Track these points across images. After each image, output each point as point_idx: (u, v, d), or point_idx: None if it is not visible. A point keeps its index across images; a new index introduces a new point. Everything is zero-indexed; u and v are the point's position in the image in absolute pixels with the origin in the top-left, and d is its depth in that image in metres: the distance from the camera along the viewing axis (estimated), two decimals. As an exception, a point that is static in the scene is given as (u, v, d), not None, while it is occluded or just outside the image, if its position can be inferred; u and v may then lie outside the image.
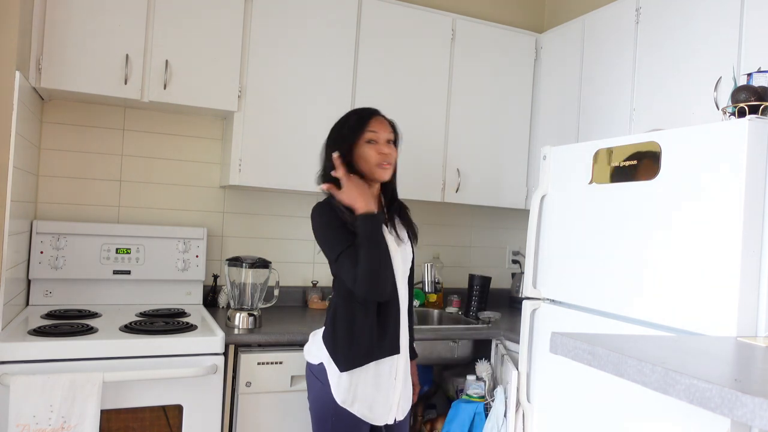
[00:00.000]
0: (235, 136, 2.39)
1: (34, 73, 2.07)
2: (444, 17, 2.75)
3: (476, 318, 2.68)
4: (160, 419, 1.88)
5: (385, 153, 1.73)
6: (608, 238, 1.79)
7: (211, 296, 2.59)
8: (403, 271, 1.81)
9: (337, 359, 1.70)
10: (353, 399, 1.69)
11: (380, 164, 1.73)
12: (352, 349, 1.69)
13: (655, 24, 2.22)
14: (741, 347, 1.26)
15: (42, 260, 2.27)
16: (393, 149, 1.77)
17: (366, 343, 1.69)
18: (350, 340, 1.69)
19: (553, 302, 2.04)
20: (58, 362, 1.76)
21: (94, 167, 2.48)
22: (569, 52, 2.70)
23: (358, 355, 1.68)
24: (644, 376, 1.01)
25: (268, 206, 2.77)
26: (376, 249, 1.62)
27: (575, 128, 2.60)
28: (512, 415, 2.14)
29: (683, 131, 1.57)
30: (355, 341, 1.69)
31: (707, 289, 1.46)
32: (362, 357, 1.69)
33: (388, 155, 1.74)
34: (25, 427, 1.65)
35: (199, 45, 2.30)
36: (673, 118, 2.08)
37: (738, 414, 0.84)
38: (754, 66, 1.81)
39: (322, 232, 1.71)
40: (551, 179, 2.07)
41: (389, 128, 1.79)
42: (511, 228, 3.31)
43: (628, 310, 1.70)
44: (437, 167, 2.74)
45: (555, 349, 1.23)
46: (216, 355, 1.95)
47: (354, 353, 1.69)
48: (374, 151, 1.73)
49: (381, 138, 1.75)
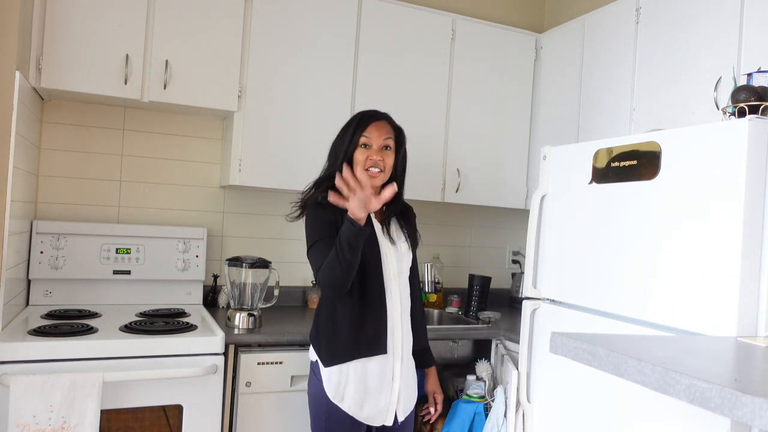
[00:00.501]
0: (235, 136, 2.39)
1: (34, 73, 2.07)
2: (444, 17, 2.75)
3: (476, 318, 2.68)
4: (160, 419, 1.88)
5: (374, 159, 1.74)
6: (608, 238, 1.79)
7: (211, 296, 2.59)
8: (397, 270, 1.79)
9: (321, 355, 1.74)
10: (342, 396, 1.70)
11: (367, 170, 1.74)
12: (333, 346, 1.71)
13: (655, 24, 2.22)
14: (741, 347, 1.26)
15: (42, 260, 2.27)
16: (387, 155, 1.77)
17: (346, 339, 1.71)
18: (331, 337, 1.72)
19: (553, 302, 2.04)
20: (58, 362, 1.76)
21: (94, 167, 2.48)
22: (569, 52, 2.70)
23: (339, 351, 1.70)
24: (644, 376, 1.01)
25: (268, 206, 2.77)
26: (349, 254, 1.61)
27: (575, 128, 2.60)
28: (512, 415, 2.14)
29: (683, 131, 1.57)
30: (336, 338, 1.71)
31: (707, 289, 1.46)
32: (343, 354, 1.70)
33: (376, 162, 1.74)
34: (25, 427, 1.65)
35: (199, 45, 2.30)
36: (673, 118, 2.08)
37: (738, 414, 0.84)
38: (754, 66, 1.81)
39: (309, 220, 1.76)
40: (551, 179, 2.07)
41: (388, 133, 1.78)
42: (511, 228, 3.31)
43: (628, 310, 1.70)
44: (437, 167, 2.74)
45: (555, 349, 1.23)
46: (216, 355, 1.95)
47: (335, 350, 1.71)
48: (364, 156, 1.75)
49: (374, 143, 1.75)
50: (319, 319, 1.78)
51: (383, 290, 1.76)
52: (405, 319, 1.81)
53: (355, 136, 1.76)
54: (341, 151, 1.77)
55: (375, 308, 1.74)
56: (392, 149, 1.79)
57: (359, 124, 1.77)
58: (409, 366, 1.82)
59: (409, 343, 1.83)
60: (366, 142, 1.76)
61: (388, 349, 1.74)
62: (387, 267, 1.77)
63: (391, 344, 1.75)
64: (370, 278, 1.74)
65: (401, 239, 1.85)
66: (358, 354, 1.71)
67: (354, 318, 1.72)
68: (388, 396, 1.75)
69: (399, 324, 1.78)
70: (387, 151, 1.77)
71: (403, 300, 1.81)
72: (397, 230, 1.85)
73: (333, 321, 1.73)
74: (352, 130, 1.77)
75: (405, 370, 1.79)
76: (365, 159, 1.74)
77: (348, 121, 1.84)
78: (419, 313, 1.94)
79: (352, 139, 1.76)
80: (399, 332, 1.78)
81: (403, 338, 1.79)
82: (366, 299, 1.73)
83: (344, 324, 1.72)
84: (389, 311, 1.76)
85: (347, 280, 1.64)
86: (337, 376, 1.70)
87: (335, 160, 1.80)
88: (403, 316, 1.80)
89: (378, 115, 1.81)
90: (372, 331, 1.73)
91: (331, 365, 1.71)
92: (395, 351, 1.76)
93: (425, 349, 1.98)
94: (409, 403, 1.82)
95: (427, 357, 1.99)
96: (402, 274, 1.82)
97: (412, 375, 1.85)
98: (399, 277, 1.80)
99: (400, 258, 1.82)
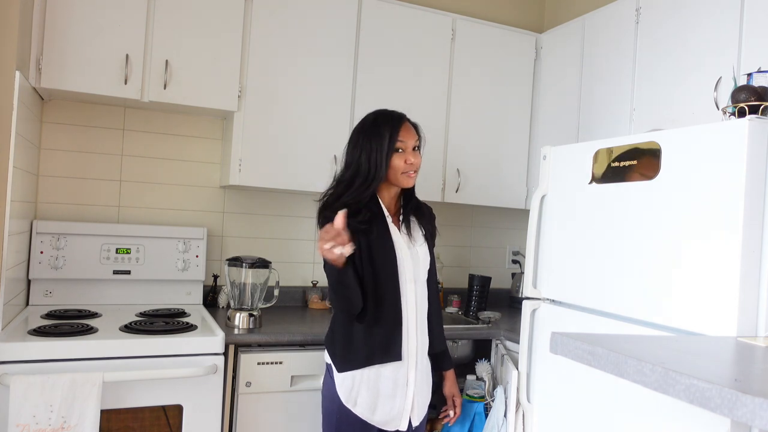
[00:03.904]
0: (235, 136, 2.39)
1: (34, 73, 2.07)
2: (444, 17, 2.75)
3: (476, 318, 2.68)
4: (160, 419, 1.88)
5: (411, 162, 1.77)
6: (608, 238, 1.79)
7: (211, 296, 2.59)
8: (413, 274, 1.78)
9: (335, 361, 1.73)
10: (355, 401, 1.70)
11: (406, 173, 1.77)
12: (348, 353, 1.71)
13: (655, 24, 2.22)
14: (741, 347, 1.26)
15: (42, 260, 2.27)
16: (418, 156, 1.80)
17: (361, 347, 1.70)
18: (346, 344, 1.72)
19: (553, 302, 2.04)
20: (58, 362, 1.76)
21: (94, 167, 2.48)
22: (569, 52, 2.70)
23: (353, 359, 1.70)
24: (644, 376, 1.01)
25: (268, 206, 2.77)
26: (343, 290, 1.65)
27: (575, 128, 2.60)
28: (512, 415, 2.14)
29: (683, 131, 1.57)
30: (351, 345, 1.71)
31: (707, 289, 1.46)
32: (358, 361, 1.70)
33: (413, 164, 1.77)
34: (25, 427, 1.65)
35: (199, 45, 2.30)
36: (673, 118, 2.08)
37: (738, 414, 0.84)
38: (754, 66, 1.81)
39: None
40: (551, 179, 2.07)
41: (415, 134, 1.81)
42: (511, 228, 3.31)
43: (628, 310, 1.70)
44: (437, 167, 2.73)
45: (555, 349, 1.23)
46: (216, 355, 1.95)
47: (350, 357, 1.71)
48: (401, 161, 1.76)
49: (408, 146, 1.77)
50: (334, 324, 1.78)
51: (398, 296, 1.75)
52: (421, 324, 1.80)
53: (392, 142, 1.75)
54: (382, 160, 1.73)
55: (390, 315, 1.73)
56: (418, 148, 1.83)
57: (394, 130, 1.76)
58: (423, 371, 1.80)
59: (425, 347, 1.82)
60: (401, 147, 1.76)
61: (402, 356, 1.73)
62: (403, 272, 1.76)
63: (405, 351, 1.74)
64: (386, 284, 1.73)
65: (420, 239, 1.84)
66: (372, 361, 1.70)
67: (369, 325, 1.71)
68: (402, 402, 1.74)
69: (414, 330, 1.77)
70: (416, 152, 1.81)
71: (419, 305, 1.80)
72: (416, 230, 1.85)
73: (348, 327, 1.73)
74: (388, 137, 1.74)
75: (419, 376, 1.78)
76: (403, 164, 1.76)
77: (372, 125, 1.79)
78: (436, 315, 1.92)
79: (390, 145, 1.74)
80: (414, 338, 1.76)
81: (417, 344, 1.77)
82: (381, 306, 1.72)
83: (359, 331, 1.71)
84: (404, 318, 1.75)
85: (352, 307, 1.68)
86: (350, 381, 1.70)
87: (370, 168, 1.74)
88: (418, 321, 1.79)
89: (404, 117, 1.82)
90: (386, 339, 1.72)
91: (345, 371, 1.71)
92: (409, 357, 1.75)
93: (443, 352, 1.96)
94: (423, 408, 1.81)
95: (446, 359, 1.97)
96: (419, 279, 1.81)
97: (427, 380, 1.84)
98: (415, 282, 1.79)
99: (416, 262, 1.80)
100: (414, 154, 1.79)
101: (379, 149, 1.74)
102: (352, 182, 1.75)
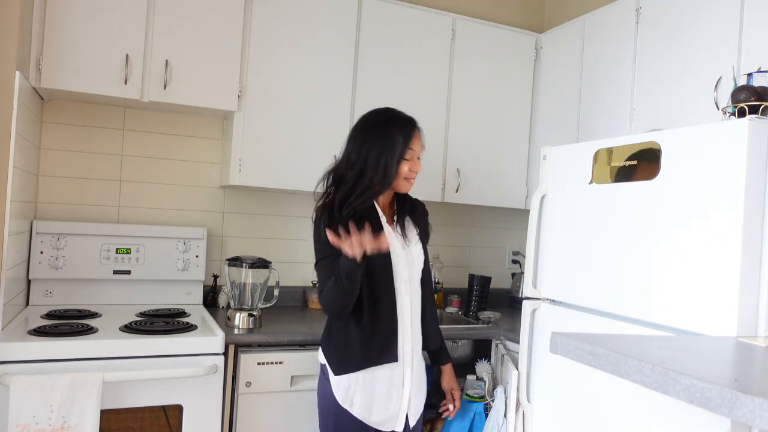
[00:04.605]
0: (235, 136, 2.39)
1: (34, 73, 2.07)
2: (444, 17, 2.75)
3: (476, 318, 2.68)
4: (159, 419, 1.88)
5: (416, 170, 1.77)
6: (608, 238, 1.79)
7: (211, 296, 2.59)
8: (408, 275, 1.78)
9: (331, 363, 1.73)
10: (352, 402, 1.70)
11: (408, 179, 1.77)
12: (344, 356, 1.71)
13: (655, 24, 2.22)
14: (741, 347, 1.26)
15: (42, 260, 2.27)
16: (419, 162, 1.79)
17: (357, 350, 1.70)
18: (342, 347, 1.72)
19: (553, 302, 2.04)
20: (58, 362, 1.76)
21: (94, 167, 2.48)
22: (569, 52, 2.70)
23: (349, 361, 1.70)
24: (644, 376, 1.01)
25: (268, 206, 2.77)
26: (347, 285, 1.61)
27: (575, 128, 2.60)
28: (512, 415, 2.14)
29: (683, 131, 1.57)
30: (347, 348, 1.71)
31: (707, 289, 1.46)
32: (354, 364, 1.70)
33: (416, 171, 1.78)
34: (25, 427, 1.65)
35: (199, 45, 2.30)
36: (673, 118, 2.08)
37: (738, 414, 0.84)
38: (754, 66, 1.81)
39: (316, 234, 1.75)
40: (551, 179, 2.07)
41: (422, 142, 1.80)
42: (511, 228, 3.31)
43: (628, 310, 1.70)
44: (437, 167, 2.73)
45: (555, 349, 1.23)
46: (216, 355, 1.95)
47: (346, 359, 1.70)
48: (406, 167, 1.75)
49: (416, 155, 1.77)
50: (330, 326, 1.78)
51: (394, 298, 1.74)
52: (416, 324, 1.80)
53: (404, 149, 1.73)
54: (392, 166, 1.70)
55: (386, 317, 1.73)
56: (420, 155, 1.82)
57: (407, 138, 1.74)
58: (419, 371, 1.81)
59: (419, 347, 1.82)
60: (409, 155, 1.75)
61: (398, 357, 1.74)
62: (398, 274, 1.76)
63: (401, 352, 1.74)
64: (381, 286, 1.72)
65: (414, 239, 1.84)
66: (368, 363, 1.70)
67: (364, 327, 1.70)
68: (398, 402, 1.74)
69: (410, 331, 1.77)
70: (419, 159, 1.80)
71: (414, 305, 1.80)
72: (410, 230, 1.85)
73: (344, 330, 1.72)
74: (401, 143, 1.72)
75: (415, 376, 1.78)
76: (408, 171, 1.76)
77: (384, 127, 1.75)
78: (431, 312, 1.92)
79: (401, 152, 1.72)
80: (409, 339, 1.76)
81: (413, 344, 1.78)
82: (377, 308, 1.72)
83: (354, 333, 1.70)
84: (400, 319, 1.75)
85: (345, 307, 1.66)
86: (347, 383, 1.70)
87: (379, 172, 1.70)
88: (413, 322, 1.79)
89: (416, 124, 1.79)
90: (383, 340, 1.72)
91: (341, 374, 1.70)
92: (405, 358, 1.75)
93: (441, 347, 1.97)
94: (419, 407, 1.82)
95: (443, 354, 1.98)
96: (413, 279, 1.81)
97: (422, 379, 1.84)
98: (410, 283, 1.78)
99: (411, 263, 1.80)
100: (418, 162, 1.78)
101: (390, 154, 1.70)
102: (356, 183, 1.70)
